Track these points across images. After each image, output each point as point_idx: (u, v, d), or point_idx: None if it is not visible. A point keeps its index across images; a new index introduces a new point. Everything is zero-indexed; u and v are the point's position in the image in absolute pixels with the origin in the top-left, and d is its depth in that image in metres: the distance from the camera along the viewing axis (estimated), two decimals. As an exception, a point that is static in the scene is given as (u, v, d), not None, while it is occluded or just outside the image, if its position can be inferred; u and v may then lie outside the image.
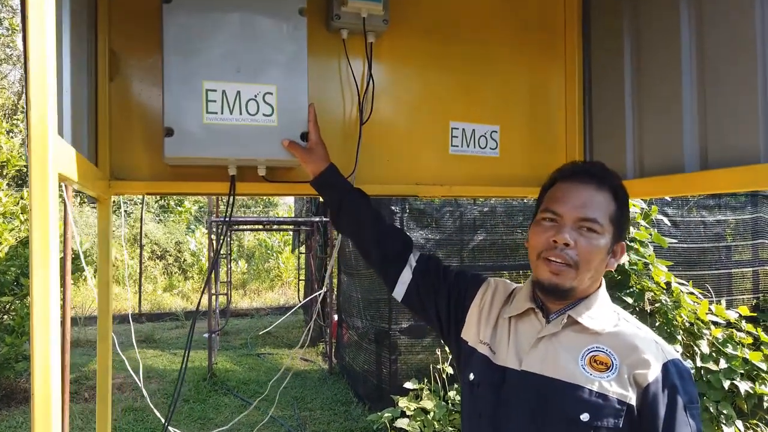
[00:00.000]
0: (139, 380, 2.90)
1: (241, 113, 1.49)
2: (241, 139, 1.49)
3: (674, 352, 1.18)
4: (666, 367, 1.14)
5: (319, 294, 4.74)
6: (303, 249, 9.86)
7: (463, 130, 1.91)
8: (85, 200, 13.30)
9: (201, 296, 1.70)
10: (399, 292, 1.49)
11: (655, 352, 1.16)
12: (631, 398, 1.13)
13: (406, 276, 1.48)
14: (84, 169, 1.18)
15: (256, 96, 1.50)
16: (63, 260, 3.36)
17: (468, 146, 1.91)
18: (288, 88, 1.52)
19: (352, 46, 1.77)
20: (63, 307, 3.41)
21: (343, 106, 1.81)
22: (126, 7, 1.60)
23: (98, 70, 1.55)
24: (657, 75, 1.65)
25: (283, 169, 1.69)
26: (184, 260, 14.15)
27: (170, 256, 14.17)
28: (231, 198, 1.63)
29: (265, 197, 16.17)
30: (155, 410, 3.24)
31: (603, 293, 1.28)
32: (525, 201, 5.68)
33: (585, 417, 1.12)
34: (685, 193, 1.63)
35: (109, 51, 1.57)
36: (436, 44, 1.89)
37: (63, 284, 3.32)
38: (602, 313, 1.24)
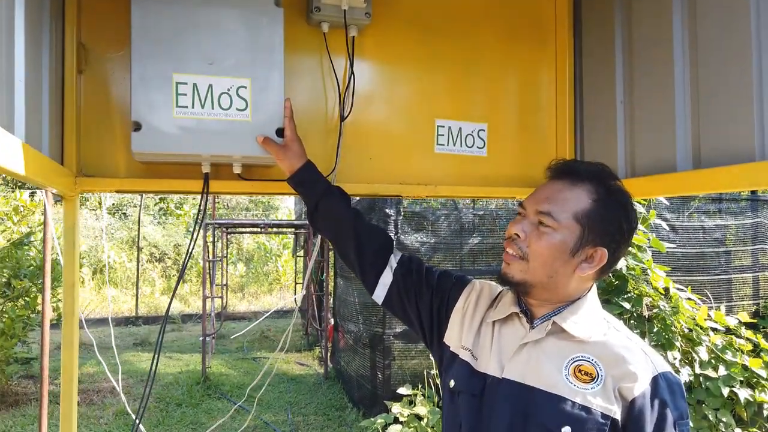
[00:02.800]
0: (117, 384, 2.83)
1: (213, 107, 1.43)
2: (213, 134, 1.43)
3: (665, 364, 1.11)
4: (655, 381, 1.07)
5: (297, 296, 4.66)
6: (301, 252, 9.79)
7: (450, 128, 1.84)
8: (83, 203, 13.24)
9: (172, 298, 1.62)
10: (379, 294, 1.43)
11: (644, 365, 1.09)
12: (616, 412, 1.05)
13: (386, 278, 1.42)
14: (38, 164, 1.12)
15: (229, 90, 1.44)
16: (43, 262, 3.30)
17: (454, 145, 1.85)
18: (263, 81, 1.46)
19: (333, 40, 1.70)
20: (42, 309, 3.35)
21: (324, 102, 1.74)
22: (96, -3, 1.55)
23: (65, 62, 1.48)
24: (649, 71, 1.59)
25: (259, 166, 1.63)
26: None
27: (168, 258, 14.11)
28: (204, 196, 1.56)
29: (265, 200, 16.12)
30: (132, 414, 3.16)
31: (592, 299, 1.20)
32: (513, 204, 5.61)
33: (566, 430, 1.05)
34: (679, 193, 1.56)
35: (77, 43, 1.51)
36: (422, 39, 1.82)
37: (43, 287, 3.26)
38: (590, 320, 1.16)
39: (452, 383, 1.26)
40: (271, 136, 1.46)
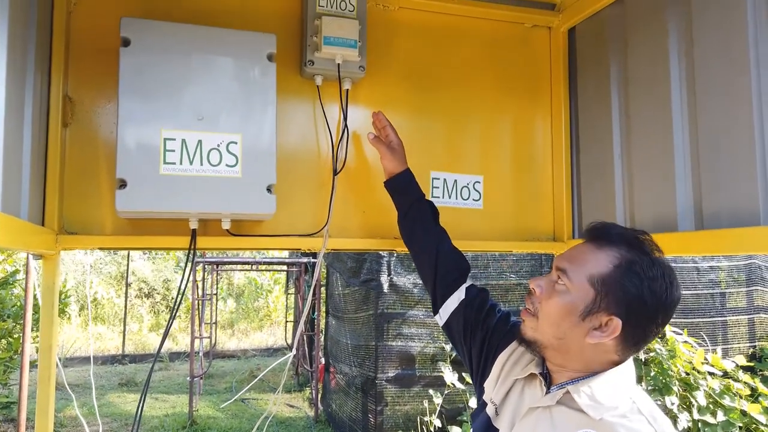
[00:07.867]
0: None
1: (201, 164, 1.38)
2: (202, 191, 1.38)
3: None
4: None
5: (290, 352, 4.57)
6: (293, 290, 9.67)
7: (445, 180, 1.81)
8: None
9: (161, 345, 1.55)
10: (441, 317, 1.46)
11: None
12: None
13: (451, 304, 1.44)
14: (15, 230, 1.06)
15: (219, 145, 1.40)
16: (24, 308, 3.22)
17: (450, 197, 1.81)
18: (254, 137, 1.42)
19: (326, 92, 1.68)
20: (22, 351, 3.25)
21: (317, 154, 1.71)
22: (84, 50, 1.51)
23: (50, 116, 1.44)
24: (647, 124, 1.57)
25: (249, 221, 1.58)
26: (172, 298, 13.89)
27: (158, 294, 13.91)
28: (191, 254, 1.51)
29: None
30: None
31: (616, 375, 1.09)
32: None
33: None
34: (681, 254, 1.52)
35: (63, 96, 1.47)
36: (416, 91, 1.80)
37: (23, 330, 3.17)
38: (607, 397, 1.06)
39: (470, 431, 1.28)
40: (262, 193, 1.42)
